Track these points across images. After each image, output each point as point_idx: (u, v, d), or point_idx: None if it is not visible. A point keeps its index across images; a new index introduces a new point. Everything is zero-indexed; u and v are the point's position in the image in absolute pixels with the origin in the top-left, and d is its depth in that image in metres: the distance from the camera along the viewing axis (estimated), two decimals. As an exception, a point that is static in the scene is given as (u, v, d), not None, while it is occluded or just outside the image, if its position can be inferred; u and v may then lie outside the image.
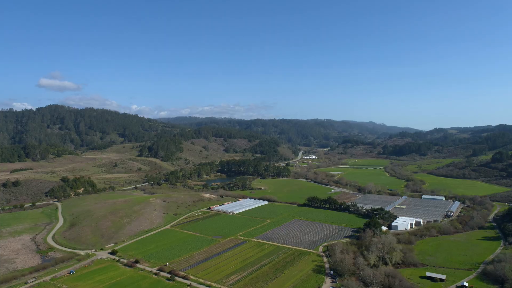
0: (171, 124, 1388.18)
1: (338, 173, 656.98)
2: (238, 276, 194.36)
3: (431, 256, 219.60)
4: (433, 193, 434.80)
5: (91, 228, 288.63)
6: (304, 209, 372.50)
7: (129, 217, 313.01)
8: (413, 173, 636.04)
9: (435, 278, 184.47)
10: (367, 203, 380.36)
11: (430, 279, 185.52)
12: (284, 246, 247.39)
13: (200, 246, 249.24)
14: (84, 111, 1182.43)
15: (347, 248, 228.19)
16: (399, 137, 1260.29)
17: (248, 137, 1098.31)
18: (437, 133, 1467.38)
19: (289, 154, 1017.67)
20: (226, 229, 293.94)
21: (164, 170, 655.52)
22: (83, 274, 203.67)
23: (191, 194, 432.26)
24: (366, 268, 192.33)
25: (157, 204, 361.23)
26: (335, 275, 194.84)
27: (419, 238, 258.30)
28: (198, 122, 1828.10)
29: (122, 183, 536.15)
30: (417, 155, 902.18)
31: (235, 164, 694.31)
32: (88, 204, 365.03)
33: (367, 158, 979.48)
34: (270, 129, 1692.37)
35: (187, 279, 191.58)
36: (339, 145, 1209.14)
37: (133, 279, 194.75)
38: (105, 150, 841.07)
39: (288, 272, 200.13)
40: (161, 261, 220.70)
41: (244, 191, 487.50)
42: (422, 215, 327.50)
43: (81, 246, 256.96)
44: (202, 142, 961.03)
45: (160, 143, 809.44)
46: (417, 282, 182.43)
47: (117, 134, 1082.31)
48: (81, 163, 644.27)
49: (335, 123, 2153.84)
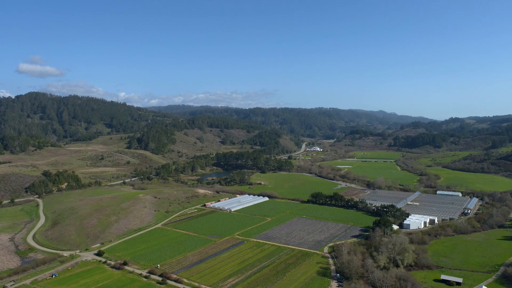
0: (163, 113, 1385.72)
1: (345, 166, 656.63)
2: (235, 280, 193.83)
3: (447, 258, 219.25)
4: (448, 189, 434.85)
5: (75, 227, 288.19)
6: (307, 206, 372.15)
7: (117, 215, 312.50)
8: (427, 166, 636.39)
9: (451, 282, 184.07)
10: (377, 199, 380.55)
11: (446, 282, 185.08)
12: (286, 246, 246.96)
13: (194, 247, 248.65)
14: (67, 99, 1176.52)
15: (355, 248, 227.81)
16: (411, 127, 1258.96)
17: (246, 128, 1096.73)
18: (453, 123, 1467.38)
19: (292, 146, 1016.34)
20: (222, 228, 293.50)
21: (155, 164, 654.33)
22: (67, 277, 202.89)
23: (185, 190, 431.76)
24: (376, 271, 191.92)
25: (147, 200, 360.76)
26: (341, 278, 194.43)
27: (433, 237, 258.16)
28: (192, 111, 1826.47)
29: (109, 178, 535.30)
30: (431, 147, 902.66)
31: (232, 157, 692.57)
32: (72, 201, 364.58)
33: (376, 150, 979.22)
34: (270, 119, 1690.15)
35: (180, 282, 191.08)
36: (346, 136, 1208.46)
37: (121, 283, 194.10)
38: (90, 142, 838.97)
39: (290, 275, 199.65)
40: (152, 263, 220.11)
41: (243, 187, 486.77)
42: (437, 212, 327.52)
43: (64, 247, 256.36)
44: (196, 133, 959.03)
45: (151, 134, 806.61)
46: (431, 286, 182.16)
47: (103, 124, 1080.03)
48: (64, 156, 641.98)
49: (341, 112, 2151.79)
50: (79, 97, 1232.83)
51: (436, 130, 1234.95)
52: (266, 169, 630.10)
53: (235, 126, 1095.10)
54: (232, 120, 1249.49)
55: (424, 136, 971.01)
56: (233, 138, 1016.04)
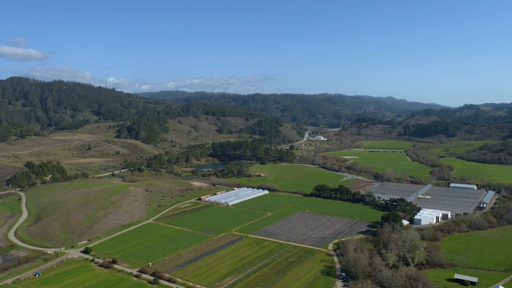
0: (155, 100, 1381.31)
1: (351, 157, 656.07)
2: (233, 279, 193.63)
3: (461, 255, 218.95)
4: (462, 181, 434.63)
5: (60, 222, 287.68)
6: (311, 199, 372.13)
7: (105, 210, 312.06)
8: (439, 157, 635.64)
9: (465, 281, 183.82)
10: (385, 192, 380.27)
11: (460, 282, 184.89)
12: (288, 243, 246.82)
13: (188, 244, 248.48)
14: (52, 85, 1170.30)
15: (362, 245, 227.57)
16: (423, 115, 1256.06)
17: (245, 115, 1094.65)
18: (467, 110, 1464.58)
19: (294, 135, 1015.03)
20: (219, 224, 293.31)
21: (146, 154, 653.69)
22: (51, 276, 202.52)
23: (178, 182, 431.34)
24: (384, 270, 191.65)
25: (138, 194, 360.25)
26: (347, 277, 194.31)
27: (446, 234, 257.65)
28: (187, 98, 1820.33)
29: (96, 169, 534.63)
30: (444, 136, 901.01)
31: (229, 146, 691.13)
32: (57, 194, 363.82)
33: (385, 139, 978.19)
34: (271, 106, 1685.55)
35: (173, 282, 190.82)
36: (352, 125, 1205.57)
37: (109, 282, 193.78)
38: (76, 131, 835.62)
39: (292, 274, 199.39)
40: (143, 261, 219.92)
41: (241, 179, 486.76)
42: (450, 207, 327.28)
43: (49, 244, 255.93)
44: (191, 121, 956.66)
45: (142, 122, 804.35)
46: (444, 285, 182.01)
47: (91, 111, 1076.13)
48: (49, 146, 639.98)
49: (347, 99, 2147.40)
50: (65, 83, 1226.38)
51: (449, 118, 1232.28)
52: (266, 160, 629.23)
53: (232, 114, 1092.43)
54: (230, 107, 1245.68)
55: (436, 124, 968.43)
56: (230, 126, 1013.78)
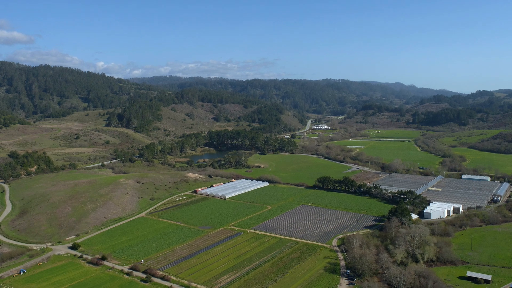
0: (147, 86, 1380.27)
1: (356, 147, 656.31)
2: (231, 277, 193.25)
3: (473, 252, 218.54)
4: (475, 173, 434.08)
5: (46, 216, 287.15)
6: (313, 192, 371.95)
7: (94, 203, 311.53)
8: (451, 147, 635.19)
9: (478, 279, 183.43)
10: (393, 184, 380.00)
11: (472, 280, 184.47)
12: (289, 238, 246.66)
13: (183, 239, 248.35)
14: (38, 70, 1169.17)
15: (368, 241, 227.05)
16: (433, 102, 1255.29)
17: (243, 102, 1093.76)
18: (480, 97, 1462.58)
19: (295, 124, 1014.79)
20: (216, 218, 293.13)
21: (138, 144, 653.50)
22: (37, 274, 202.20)
23: (172, 174, 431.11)
24: (392, 267, 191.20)
25: (130, 186, 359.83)
26: (352, 275, 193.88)
27: (458, 228, 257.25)
28: (181, 83, 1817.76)
29: (85, 160, 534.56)
30: (455, 125, 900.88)
31: (227, 135, 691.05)
32: (43, 186, 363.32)
33: (392, 128, 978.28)
34: (271, 92, 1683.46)
35: (167, 280, 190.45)
36: (358, 112, 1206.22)
37: (99, 280, 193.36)
38: (64, 119, 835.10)
39: (294, 271, 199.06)
40: (135, 258, 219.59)
41: (239, 170, 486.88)
42: (462, 199, 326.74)
43: (34, 239, 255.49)
44: (186, 109, 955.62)
45: (133, 109, 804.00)
46: (455, 284, 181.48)
47: (79, 98, 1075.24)
48: (34, 135, 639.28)
49: (352, 85, 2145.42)
50: (51, 67, 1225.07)
51: (461, 105, 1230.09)
52: (266, 149, 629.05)
53: (230, 101, 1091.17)
54: (227, 93, 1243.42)
55: (447, 112, 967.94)
56: (228, 114, 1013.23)
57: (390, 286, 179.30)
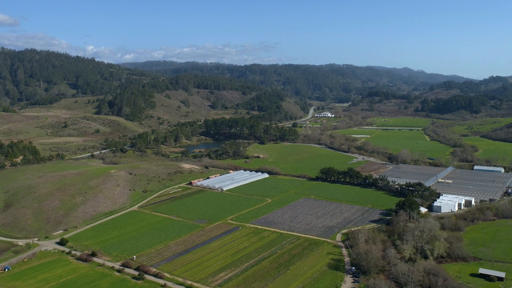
0: (140, 71, 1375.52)
1: (361, 136, 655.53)
2: (228, 274, 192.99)
3: (486, 247, 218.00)
4: (488, 163, 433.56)
5: (32, 210, 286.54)
6: (316, 184, 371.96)
7: (84, 195, 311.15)
8: (462, 136, 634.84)
9: (491, 277, 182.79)
10: (401, 176, 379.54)
11: (485, 277, 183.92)
12: (290, 233, 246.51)
13: (178, 234, 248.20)
14: (23, 54, 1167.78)
15: (374, 236, 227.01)
16: (443, 88, 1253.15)
17: (241, 89, 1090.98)
18: (493, 83, 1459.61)
19: (297, 111, 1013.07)
20: (212, 211, 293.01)
21: (130, 133, 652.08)
22: (22, 271, 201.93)
23: (166, 165, 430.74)
24: (399, 263, 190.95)
25: (121, 177, 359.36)
26: (357, 272, 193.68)
27: (469, 223, 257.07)
28: (176, 69, 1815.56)
29: (74, 150, 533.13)
30: (467, 113, 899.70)
31: (224, 124, 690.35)
32: (29, 178, 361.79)
33: (400, 116, 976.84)
34: (271, 78, 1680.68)
35: (161, 277, 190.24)
36: (363, 99, 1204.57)
37: (88, 278, 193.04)
38: (51, 106, 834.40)
39: (295, 268, 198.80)
40: (126, 254, 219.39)
41: (237, 161, 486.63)
42: (474, 192, 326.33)
43: (20, 234, 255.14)
44: (180, 95, 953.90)
45: (125, 96, 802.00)
46: (467, 281, 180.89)
47: (67, 84, 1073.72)
48: (20, 123, 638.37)
49: (358, 70, 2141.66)
50: (38, 52, 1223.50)
51: (473, 91, 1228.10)
52: (266, 139, 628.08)
53: (227, 87, 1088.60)
54: (224, 79, 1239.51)
55: (458, 99, 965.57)
56: (225, 101, 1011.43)
57: (398, 283, 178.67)
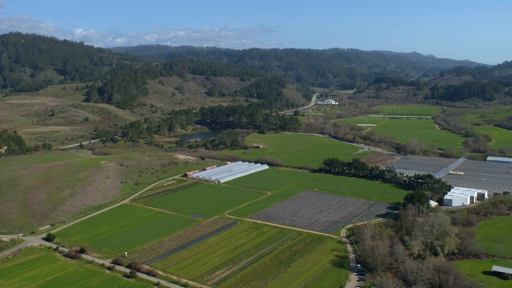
0: (131, 56, 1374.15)
1: (367, 125, 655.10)
2: (225, 271, 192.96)
3: (500, 243, 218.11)
4: (502, 154, 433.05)
5: (17, 204, 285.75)
6: (319, 176, 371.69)
7: (72, 188, 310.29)
8: (474, 125, 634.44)
9: (505, 274, 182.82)
10: (409, 167, 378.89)
11: (498, 275, 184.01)
12: (292, 228, 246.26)
13: (172, 229, 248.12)
14: (7, 38, 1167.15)
15: (381, 231, 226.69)
16: (454, 74, 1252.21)
17: (240, 75, 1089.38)
18: (508, 68, 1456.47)
19: (299, 99, 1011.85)
20: (209, 205, 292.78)
21: (121, 121, 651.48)
22: (7, 268, 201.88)
23: (160, 155, 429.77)
24: (408, 260, 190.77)
25: (111, 169, 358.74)
26: (363, 269, 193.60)
27: (482, 217, 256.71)
28: (170, 53, 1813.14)
29: (61, 140, 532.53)
30: (479, 100, 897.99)
31: (221, 112, 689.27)
32: (14, 170, 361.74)
33: (408, 104, 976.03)
34: (271, 63, 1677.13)
35: (154, 275, 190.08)
36: (369, 86, 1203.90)
37: (77, 276, 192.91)
38: (37, 93, 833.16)
39: (297, 265, 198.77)
40: (117, 251, 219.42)
41: (235, 151, 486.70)
42: (487, 184, 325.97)
43: (4, 229, 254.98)
44: (175, 82, 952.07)
45: (116, 82, 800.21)
46: (479, 279, 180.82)
47: (54, 70, 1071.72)
48: (4, 111, 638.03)
49: (363, 55, 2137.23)
50: (23, 35, 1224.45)
51: (486, 77, 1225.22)
52: (266, 128, 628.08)
53: (225, 73, 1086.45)
54: (222, 64, 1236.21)
55: (470, 86, 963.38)
56: (222, 88, 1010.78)
57: (406, 282, 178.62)
